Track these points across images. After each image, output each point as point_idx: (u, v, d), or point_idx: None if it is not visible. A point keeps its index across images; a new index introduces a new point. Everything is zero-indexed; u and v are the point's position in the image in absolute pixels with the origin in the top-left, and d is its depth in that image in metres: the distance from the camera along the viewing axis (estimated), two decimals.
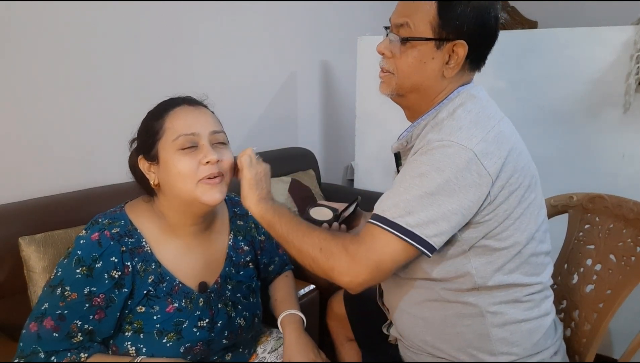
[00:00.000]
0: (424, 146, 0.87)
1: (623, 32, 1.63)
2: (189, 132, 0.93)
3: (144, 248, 0.96)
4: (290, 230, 0.90)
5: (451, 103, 0.93)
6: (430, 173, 0.83)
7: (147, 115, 1.00)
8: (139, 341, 0.93)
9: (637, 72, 1.60)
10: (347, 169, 2.96)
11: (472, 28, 0.90)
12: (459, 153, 0.83)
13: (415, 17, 0.91)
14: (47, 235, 1.27)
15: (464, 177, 0.82)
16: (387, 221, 0.83)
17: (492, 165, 0.84)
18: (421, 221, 0.81)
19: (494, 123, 0.89)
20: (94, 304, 0.90)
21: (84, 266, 0.89)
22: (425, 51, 0.92)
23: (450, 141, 0.84)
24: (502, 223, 0.88)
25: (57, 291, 0.89)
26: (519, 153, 0.90)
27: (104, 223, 0.94)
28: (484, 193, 0.84)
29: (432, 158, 0.84)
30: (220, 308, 1.02)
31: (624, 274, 1.07)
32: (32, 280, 1.24)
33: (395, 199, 0.85)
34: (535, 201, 0.93)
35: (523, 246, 0.91)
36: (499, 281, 0.91)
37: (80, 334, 0.89)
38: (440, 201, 0.82)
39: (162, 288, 0.96)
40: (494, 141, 0.86)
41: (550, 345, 0.97)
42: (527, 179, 0.90)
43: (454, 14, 0.89)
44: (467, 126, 0.87)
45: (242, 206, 1.16)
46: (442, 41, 0.91)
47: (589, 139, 1.77)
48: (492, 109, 0.94)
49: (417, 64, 0.93)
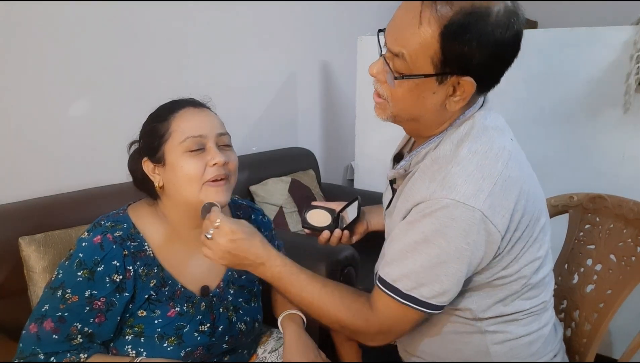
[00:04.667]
0: (427, 202, 0.79)
1: (623, 32, 1.63)
2: (196, 135, 0.93)
3: (146, 252, 0.96)
4: (303, 304, 0.90)
5: (455, 134, 0.84)
6: (437, 239, 0.78)
7: (150, 117, 0.99)
8: (139, 345, 0.93)
9: (637, 72, 1.60)
10: (347, 169, 2.96)
11: (483, 61, 0.76)
12: (465, 214, 0.76)
13: (413, 49, 0.77)
14: (47, 235, 1.27)
15: (474, 240, 0.77)
16: (402, 293, 0.82)
17: (500, 219, 0.78)
18: (436, 292, 0.80)
19: (502, 168, 0.80)
20: (95, 307, 0.89)
21: (85, 270, 0.89)
22: (424, 86, 0.80)
23: (456, 201, 0.77)
24: (506, 266, 0.84)
25: (58, 294, 0.89)
26: (527, 192, 0.82)
27: (107, 226, 0.94)
28: (494, 249, 0.80)
29: (438, 222, 0.78)
30: (221, 313, 1.02)
31: (624, 274, 1.07)
32: (32, 280, 1.24)
33: (403, 268, 0.82)
34: (541, 232, 0.88)
35: (528, 279, 0.87)
36: (499, 312, 0.88)
37: (80, 336, 0.89)
38: (451, 269, 0.79)
39: (164, 292, 0.96)
40: (501, 191, 0.78)
41: (550, 350, 0.96)
42: (534, 216, 0.84)
43: (461, 49, 0.75)
44: (473, 178, 0.78)
45: (246, 209, 1.17)
46: (445, 75, 0.78)
47: (589, 139, 1.77)
48: (500, 142, 0.83)
49: (415, 99, 0.81)
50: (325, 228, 1.04)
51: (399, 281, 0.82)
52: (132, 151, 1.02)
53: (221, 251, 0.86)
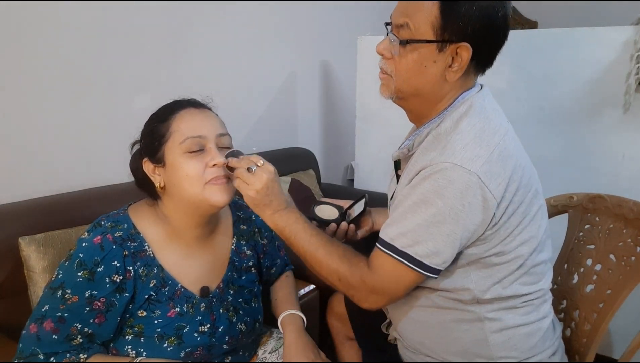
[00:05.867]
0: (428, 168, 0.84)
1: (623, 32, 1.63)
2: (196, 135, 0.93)
3: (146, 252, 0.96)
4: (307, 252, 0.93)
5: (455, 112, 0.90)
6: (434, 200, 0.82)
7: (150, 118, 0.99)
8: (139, 345, 0.93)
9: (637, 72, 1.60)
10: (347, 169, 2.96)
11: (477, 29, 0.85)
12: (462, 177, 0.81)
13: (416, 18, 0.86)
14: (47, 235, 1.27)
15: (469, 202, 0.81)
16: (397, 250, 0.85)
17: (496, 186, 0.82)
18: (430, 251, 0.84)
19: (499, 139, 0.86)
20: (95, 308, 0.89)
21: (85, 270, 0.89)
22: (426, 53, 0.88)
23: (454, 163, 0.82)
24: (503, 239, 0.87)
25: (58, 294, 0.89)
26: (523, 167, 0.88)
27: (107, 226, 0.94)
28: (489, 216, 0.83)
29: (436, 184, 0.82)
30: (221, 313, 1.02)
31: (624, 274, 1.07)
32: (32, 280, 1.24)
33: (401, 227, 0.86)
34: (538, 212, 0.92)
35: (525, 259, 0.90)
36: (497, 293, 0.91)
37: (80, 336, 0.89)
38: (446, 229, 0.82)
39: (164, 292, 0.96)
40: (498, 159, 0.83)
41: (548, 346, 0.97)
42: (530, 193, 0.89)
43: (457, 15, 0.84)
44: (471, 145, 0.84)
45: (246, 210, 1.17)
46: (444, 43, 0.86)
47: (589, 139, 1.77)
48: (497, 120, 0.90)
49: (417, 68, 0.89)
50: (332, 221, 1.09)
51: (396, 239, 0.86)
52: (134, 150, 1.02)
53: (260, 186, 0.90)
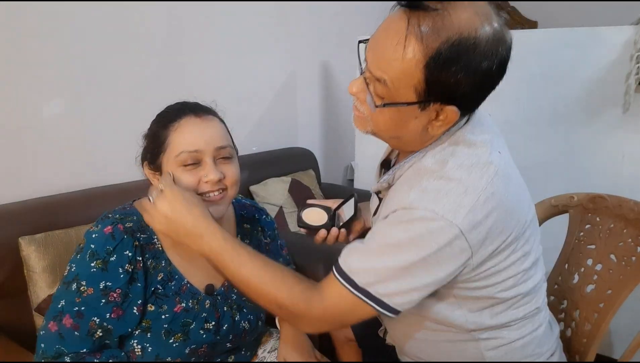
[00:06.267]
0: (407, 211, 0.77)
1: (623, 32, 1.63)
2: (192, 150, 0.91)
3: (155, 245, 0.96)
4: (240, 282, 0.85)
5: (440, 148, 0.82)
6: (409, 246, 0.76)
7: (155, 119, 0.98)
8: (145, 340, 0.93)
9: (637, 72, 1.60)
10: (347, 169, 2.96)
11: (467, 93, 0.74)
12: (443, 229, 0.74)
13: (395, 76, 0.74)
14: (47, 234, 1.27)
15: (444, 252, 0.75)
16: (356, 285, 0.78)
17: (476, 236, 0.75)
18: (392, 291, 0.78)
19: (486, 183, 0.76)
20: (110, 300, 0.88)
21: (98, 260, 0.88)
22: (406, 112, 0.77)
23: (435, 213, 0.74)
24: (486, 278, 0.82)
25: (73, 287, 0.87)
26: (511, 210, 0.79)
27: (116, 218, 0.93)
28: (464, 264, 0.77)
29: (413, 231, 0.75)
30: (225, 311, 1.02)
31: (625, 274, 1.07)
32: (32, 280, 1.24)
33: (365, 263, 0.79)
34: (527, 241, 0.84)
35: (517, 291, 0.85)
36: (491, 324, 0.87)
37: (100, 330, 0.88)
38: (414, 274, 0.77)
39: (171, 286, 0.96)
40: (483, 206, 0.75)
41: (547, 350, 0.95)
42: (518, 230, 0.81)
43: (445, 81, 0.72)
44: (456, 192, 0.75)
45: (249, 209, 1.17)
46: (428, 103, 0.76)
47: (589, 139, 1.77)
48: (486, 155, 0.80)
49: (396, 124, 0.80)
50: (321, 227, 1.02)
51: (357, 274, 0.79)
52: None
53: (159, 215, 0.85)
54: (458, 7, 0.72)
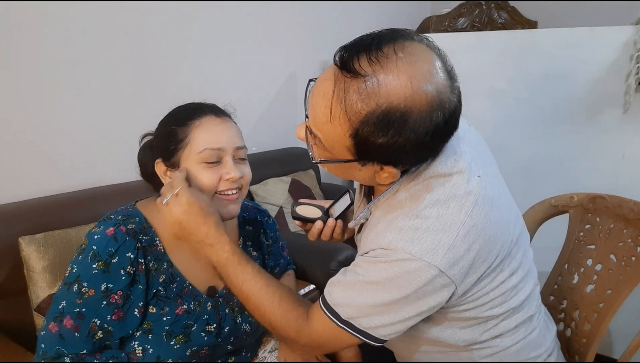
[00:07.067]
0: (384, 251, 0.75)
1: (623, 32, 1.63)
2: (215, 147, 0.93)
3: (157, 247, 0.96)
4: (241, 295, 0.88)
5: (414, 185, 0.78)
6: (389, 286, 0.75)
7: (169, 118, 0.98)
8: (146, 341, 0.93)
9: (637, 72, 1.60)
10: None
11: (407, 153, 0.70)
12: (422, 270, 0.72)
13: (329, 138, 0.72)
14: (47, 234, 1.27)
15: (426, 290, 0.74)
16: (340, 318, 0.79)
17: (458, 271, 0.74)
18: (375, 325, 0.78)
19: (465, 217, 0.73)
20: (112, 302, 0.88)
21: (100, 261, 0.88)
22: (348, 166, 0.76)
23: (413, 255, 0.72)
24: (473, 301, 0.81)
25: (74, 288, 0.87)
26: (493, 238, 0.76)
27: (118, 219, 0.93)
28: (447, 297, 0.76)
29: (392, 271, 0.74)
30: (227, 314, 1.02)
31: (624, 274, 1.07)
32: (32, 280, 1.24)
33: (347, 298, 0.79)
34: (515, 259, 0.82)
35: (507, 306, 0.84)
36: (483, 338, 0.87)
37: (101, 332, 0.88)
38: (396, 310, 0.76)
39: (172, 288, 0.96)
40: (463, 241, 0.73)
41: (543, 351, 0.95)
42: (502, 254, 0.78)
43: (377, 148, 0.69)
44: (433, 230, 0.72)
45: (251, 211, 1.17)
46: (366, 162, 0.73)
47: (589, 139, 1.77)
48: (464, 187, 0.75)
49: (343, 173, 0.80)
50: (316, 218, 1.01)
51: (340, 307, 0.80)
52: (144, 142, 1.01)
53: (173, 220, 0.86)
54: (391, 72, 0.66)
